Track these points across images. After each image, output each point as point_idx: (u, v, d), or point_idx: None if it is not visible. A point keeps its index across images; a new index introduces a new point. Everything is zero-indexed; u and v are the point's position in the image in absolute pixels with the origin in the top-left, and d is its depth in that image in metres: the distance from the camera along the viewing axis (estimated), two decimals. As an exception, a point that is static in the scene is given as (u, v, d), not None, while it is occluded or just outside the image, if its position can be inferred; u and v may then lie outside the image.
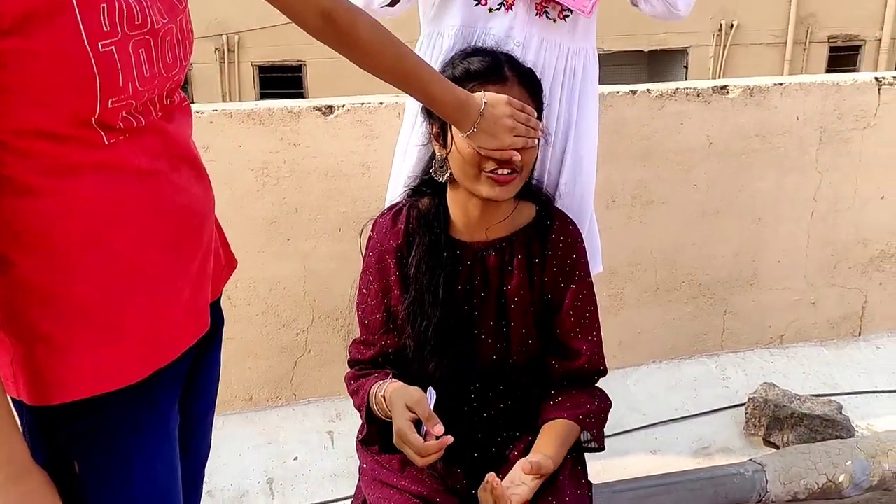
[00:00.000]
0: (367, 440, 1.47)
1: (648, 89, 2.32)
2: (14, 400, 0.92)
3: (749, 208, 2.50)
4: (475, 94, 1.31)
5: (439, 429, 1.21)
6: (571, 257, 1.46)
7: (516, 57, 1.44)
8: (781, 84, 2.42)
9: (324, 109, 2.14)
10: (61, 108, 0.84)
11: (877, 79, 2.49)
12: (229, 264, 1.20)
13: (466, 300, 1.45)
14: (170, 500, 1.03)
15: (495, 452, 1.48)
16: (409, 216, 1.46)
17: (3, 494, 0.85)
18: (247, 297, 2.22)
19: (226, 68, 10.20)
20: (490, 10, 1.55)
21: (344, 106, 2.15)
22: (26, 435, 0.92)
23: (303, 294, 2.26)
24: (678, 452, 2.19)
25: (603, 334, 1.50)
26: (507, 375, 1.47)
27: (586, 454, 1.49)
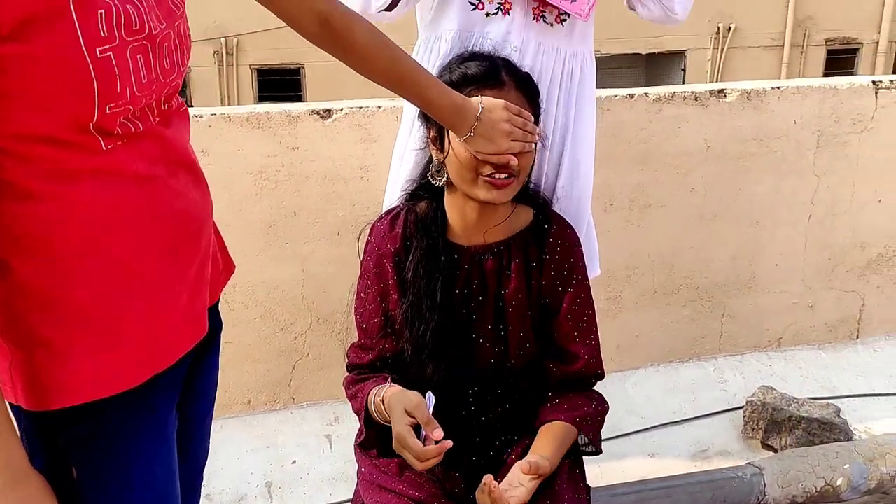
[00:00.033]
0: (366, 444, 1.46)
1: (646, 93, 2.33)
2: (12, 405, 0.92)
3: (746, 212, 2.50)
4: (472, 98, 1.31)
5: (439, 433, 1.21)
6: (569, 261, 1.46)
7: (513, 61, 1.44)
8: (779, 88, 2.42)
9: (322, 113, 2.15)
10: (60, 114, 0.84)
11: (874, 82, 2.50)
12: (227, 268, 1.20)
13: (464, 304, 1.45)
14: (168, 505, 1.04)
15: (493, 456, 1.48)
16: (406, 220, 1.46)
17: (2, 499, 0.85)
18: (245, 300, 2.22)
19: (224, 71, 10.20)
20: (487, 14, 1.55)
21: (342, 110, 2.16)
22: (24, 440, 0.92)
23: (301, 297, 2.26)
24: (676, 455, 2.19)
25: (601, 337, 1.50)
26: (504, 379, 1.47)
27: (584, 458, 1.49)
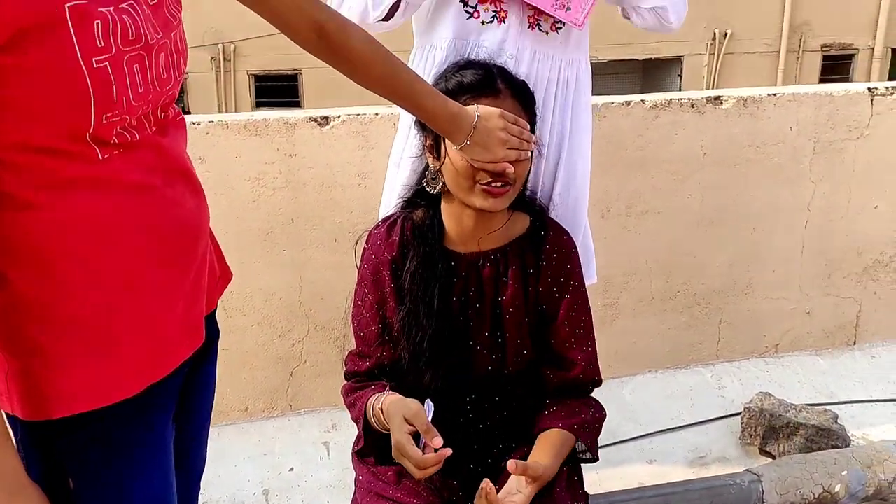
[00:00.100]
0: (364, 452, 1.46)
1: (643, 100, 2.33)
2: (8, 415, 0.92)
3: (743, 218, 2.51)
4: (468, 107, 1.31)
5: (438, 441, 1.21)
6: (566, 268, 1.46)
7: (509, 69, 1.45)
8: (775, 94, 2.43)
9: (320, 120, 2.15)
10: (56, 124, 0.84)
11: (869, 89, 2.51)
12: (224, 277, 1.20)
13: (461, 311, 1.45)
14: (166, 514, 1.03)
15: (491, 464, 1.48)
16: (403, 228, 1.46)
17: (-2, 510, 0.85)
18: (242, 307, 2.22)
19: (222, 77, 10.22)
20: (483, 22, 1.56)
21: (340, 117, 2.16)
22: (21, 450, 0.92)
23: (298, 304, 2.26)
24: (674, 462, 2.19)
25: (598, 344, 1.50)
26: (502, 386, 1.47)
27: (582, 464, 1.49)
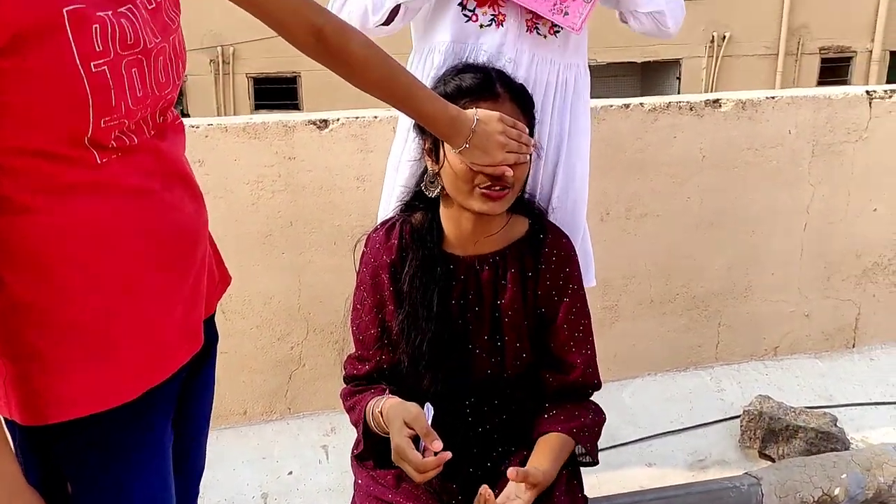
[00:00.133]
0: (363, 456, 1.46)
1: (641, 103, 2.33)
2: (6, 420, 0.92)
3: (742, 221, 2.51)
4: (467, 110, 1.31)
5: (438, 445, 1.21)
6: (565, 271, 1.46)
7: (508, 73, 1.45)
8: (773, 98, 2.43)
9: (319, 123, 2.15)
10: (55, 128, 0.84)
11: (868, 92, 2.51)
12: (223, 281, 1.20)
13: (460, 314, 1.45)
14: (164, 519, 1.03)
15: (490, 468, 1.47)
16: (402, 231, 1.46)
17: (-4, 514, 0.85)
18: (241, 310, 2.22)
19: (220, 80, 10.23)
20: (481, 26, 1.56)
21: (339, 120, 2.16)
22: (19, 455, 0.92)
23: (297, 307, 2.25)
24: (674, 465, 2.19)
25: (598, 347, 1.50)
26: (501, 390, 1.47)
27: (581, 468, 1.49)
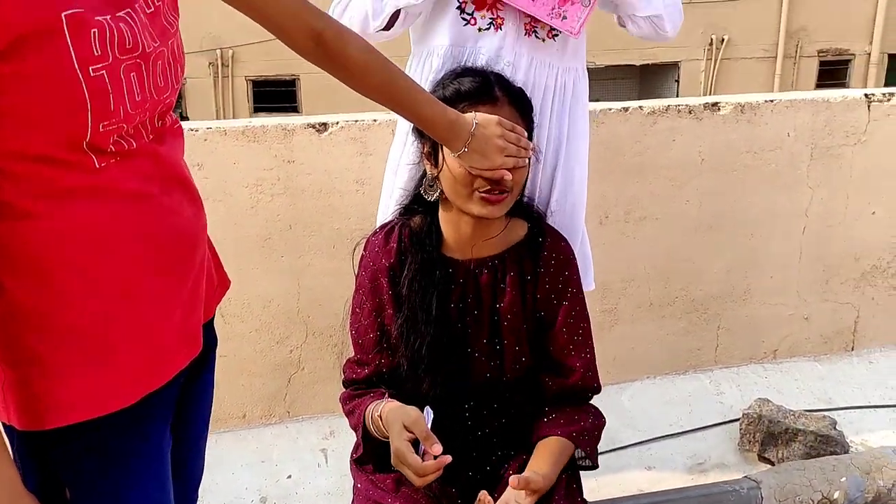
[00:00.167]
0: (362, 459, 1.46)
1: (640, 106, 2.34)
2: (5, 425, 0.92)
3: (741, 224, 2.51)
4: (466, 114, 1.31)
5: (437, 448, 1.20)
6: (564, 274, 1.46)
7: (506, 76, 1.45)
8: (772, 101, 2.43)
9: (318, 127, 2.15)
10: (53, 132, 0.84)
11: (866, 95, 2.51)
12: (222, 284, 1.20)
13: (459, 318, 1.45)
14: (163, 523, 1.03)
15: (490, 471, 1.47)
16: (401, 235, 1.46)
17: (-6, 520, 0.85)
18: (240, 313, 2.21)
19: (219, 83, 10.24)
20: (480, 29, 1.56)
21: (338, 123, 2.16)
22: (17, 460, 0.92)
23: (296, 311, 2.25)
24: (673, 468, 2.19)
25: (597, 350, 1.50)
26: (500, 393, 1.47)
27: (580, 471, 1.49)
